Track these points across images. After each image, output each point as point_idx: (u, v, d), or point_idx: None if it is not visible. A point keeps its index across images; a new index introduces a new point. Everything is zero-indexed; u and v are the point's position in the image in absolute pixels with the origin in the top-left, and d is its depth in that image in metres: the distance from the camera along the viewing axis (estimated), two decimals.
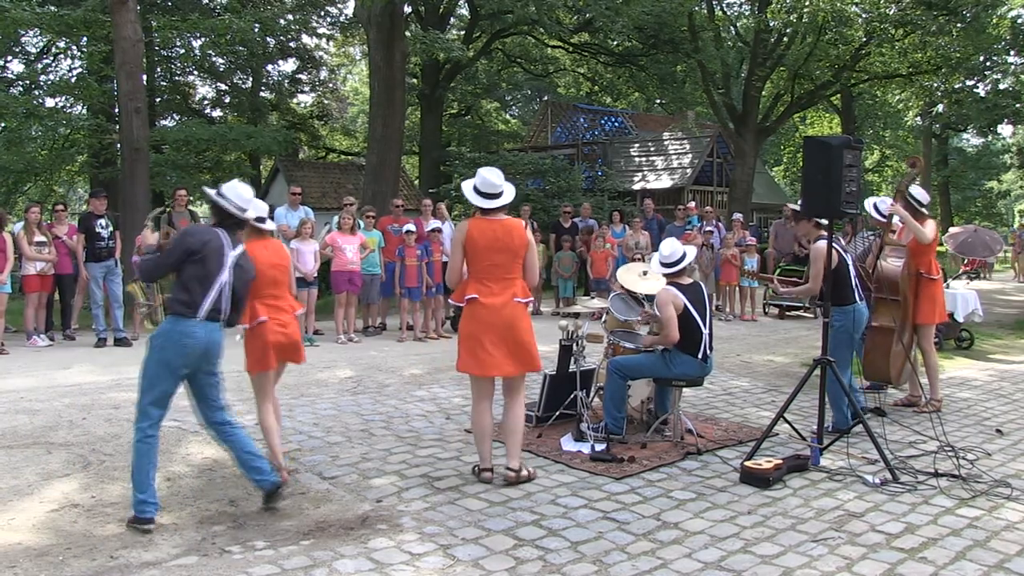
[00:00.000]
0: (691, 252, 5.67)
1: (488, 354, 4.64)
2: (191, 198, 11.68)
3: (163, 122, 27.30)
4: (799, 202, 6.38)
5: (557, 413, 6.02)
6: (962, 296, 10.02)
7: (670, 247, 5.65)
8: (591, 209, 14.62)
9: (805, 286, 6.12)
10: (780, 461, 5.01)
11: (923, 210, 6.68)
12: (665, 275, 5.63)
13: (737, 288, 13.13)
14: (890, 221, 6.88)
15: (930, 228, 6.61)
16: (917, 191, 6.69)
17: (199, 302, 4.08)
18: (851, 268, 5.93)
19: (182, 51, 25.25)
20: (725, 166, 26.20)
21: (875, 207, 7.01)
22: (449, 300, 4.98)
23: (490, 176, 4.74)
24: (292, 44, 29.96)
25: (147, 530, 3.97)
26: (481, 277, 4.71)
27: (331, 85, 36.30)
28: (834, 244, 5.75)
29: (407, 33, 17.72)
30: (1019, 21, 21.10)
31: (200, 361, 4.13)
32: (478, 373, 4.72)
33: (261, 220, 4.65)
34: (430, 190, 22.07)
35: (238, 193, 4.37)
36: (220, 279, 4.16)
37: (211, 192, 4.36)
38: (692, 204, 15.65)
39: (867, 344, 6.74)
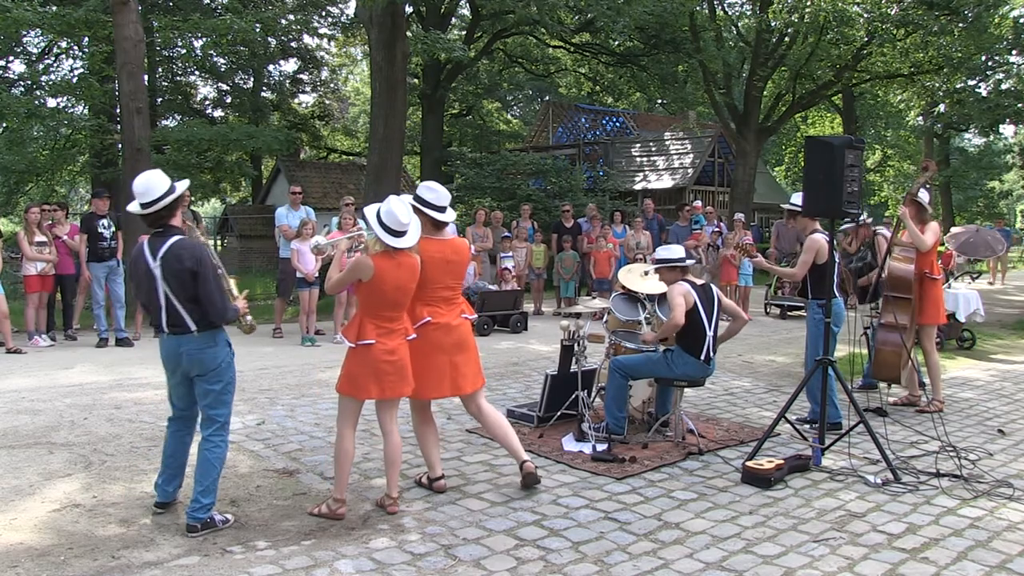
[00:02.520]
0: (690, 260, 5.67)
1: (449, 375, 4.54)
2: (192, 198, 11.66)
3: (164, 122, 27.36)
4: (791, 200, 6.43)
5: (559, 413, 6.01)
6: (964, 296, 10.01)
7: (670, 247, 5.67)
8: (596, 208, 14.62)
9: (790, 269, 6.19)
10: (781, 461, 5.01)
11: (927, 211, 6.67)
12: (669, 268, 5.59)
13: (737, 288, 13.12)
14: (899, 223, 6.86)
15: (931, 232, 6.59)
16: (923, 194, 6.68)
17: (157, 321, 4.07)
18: (836, 266, 5.97)
19: (183, 51, 25.29)
20: (726, 166, 26.20)
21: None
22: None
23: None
24: (293, 44, 30.02)
25: (155, 511, 4.26)
26: (429, 300, 4.51)
27: (332, 85, 36.37)
28: (826, 239, 5.81)
29: (408, 33, 17.71)
30: (1021, 21, 21.07)
31: (174, 369, 4.12)
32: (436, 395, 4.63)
33: (397, 235, 4.18)
34: None
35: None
36: (159, 293, 3.99)
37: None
38: (698, 203, 15.62)
39: (878, 342, 6.72)
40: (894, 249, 6.90)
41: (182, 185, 4.16)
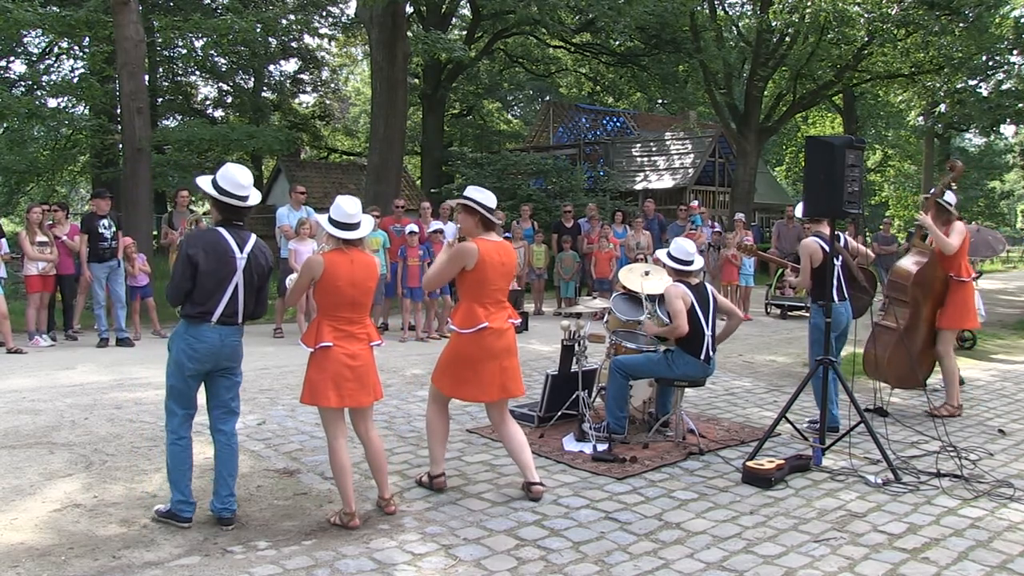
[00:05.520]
0: (699, 261, 5.67)
1: (499, 379, 4.54)
2: (193, 198, 11.65)
3: (165, 122, 27.40)
4: (800, 205, 6.40)
5: (559, 413, 6.01)
6: None
7: (685, 247, 5.64)
8: (596, 209, 14.62)
9: (799, 278, 6.15)
10: (782, 461, 5.01)
11: (952, 211, 6.54)
12: (674, 270, 5.61)
13: (738, 288, 13.12)
14: (920, 228, 6.74)
15: (956, 234, 6.46)
16: (949, 196, 6.57)
17: (212, 308, 3.98)
18: (837, 268, 5.90)
19: (184, 51, 25.30)
20: (727, 166, 26.20)
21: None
22: (453, 327, 4.59)
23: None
24: (294, 44, 30.03)
25: (183, 526, 4.04)
26: (486, 302, 4.51)
27: (333, 85, 36.40)
28: (821, 242, 5.77)
29: (409, 33, 17.74)
30: (1021, 21, 21.07)
31: (213, 363, 4.05)
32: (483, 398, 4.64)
33: (346, 228, 4.14)
34: (432, 190, 22.10)
35: (233, 180, 4.03)
36: (232, 282, 4.01)
37: (207, 187, 4.06)
38: (696, 203, 15.62)
39: (868, 342, 6.71)
40: (911, 250, 6.81)
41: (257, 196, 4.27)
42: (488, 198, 4.58)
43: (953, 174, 6.64)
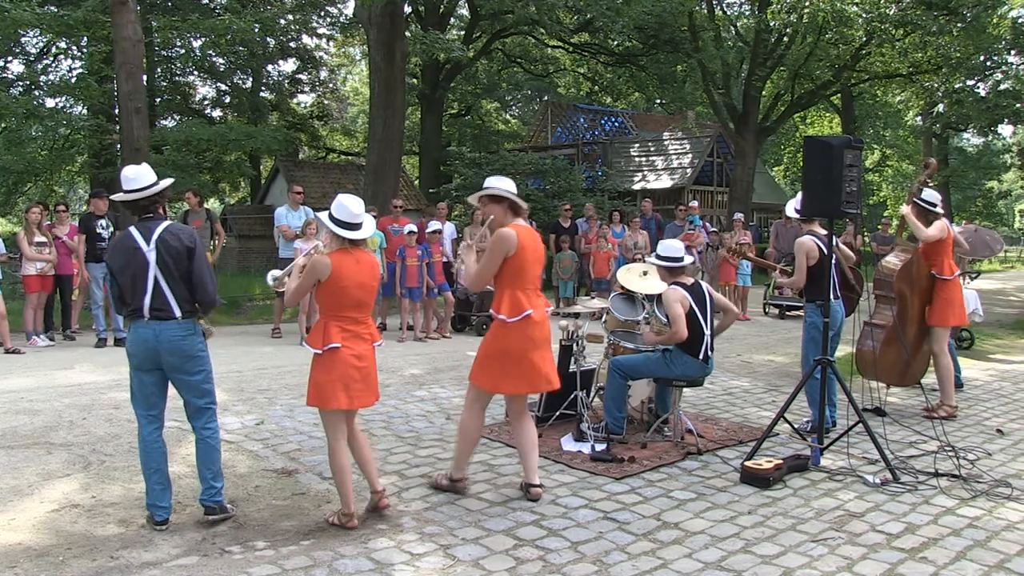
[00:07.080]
0: (688, 259, 5.68)
1: (544, 368, 4.50)
2: (200, 198, 11.60)
3: (163, 122, 27.39)
4: (789, 207, 6.40)
5: (557, 413, 6.01)
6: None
7: (671, 245, 5.65)
8: (594, 208, 14.62)
9: (792, 278, 6.14)
10: (780, 461, 5.01)
11: (936, 211, 6.57)
12: (667, 269, 5.62)
13: (736, 288, 13.13)
14: (903, 221, 6.85)
15: (935, 228, 6.51)
16: (928, 194, 6.60)
17: (138, 304, 4.02)
18: (832, 267, 5.90)
19: (182, 51, 25.33)
20: (725, 166, 26.23)
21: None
22: (500, 316, 4.44)
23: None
24: (292, 44, 30.05)
25: (158, 529, 4.05)
26: (527, 289, 4.47)
27: (331, 85, 36.42)
28: (818, 241, 5.78)
29: (407, 33, 17.73)
30: (1019, 21, 21.11)
31: (153, 360, 4.05)
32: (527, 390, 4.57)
33: (350, 228, 4.11)
34: (430, 190, 22.09)
35: (125, 177, 4.14)
36: (148, 276, 4.00)
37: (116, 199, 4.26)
38: (694, 203, 15.63)
39: (859, 341, 6.71)
40: (895, 248, 6.91)
41: (167, 180, 4.27)
42: (510, 185, 4.56)
43: (927, 171, 6.69)
